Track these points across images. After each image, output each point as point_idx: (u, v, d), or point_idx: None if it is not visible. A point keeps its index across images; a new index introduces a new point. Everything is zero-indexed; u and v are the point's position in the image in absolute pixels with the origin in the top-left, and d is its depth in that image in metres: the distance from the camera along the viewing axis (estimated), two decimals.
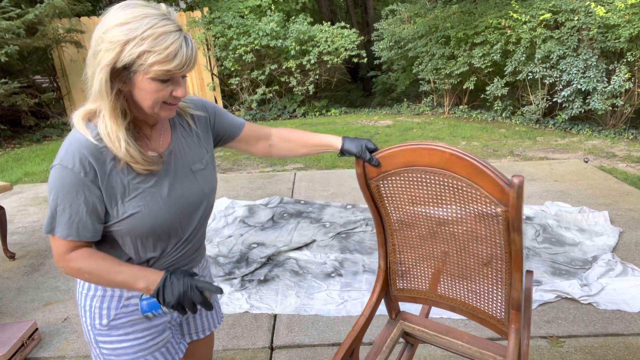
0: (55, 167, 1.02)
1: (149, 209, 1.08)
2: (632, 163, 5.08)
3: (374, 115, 8.52)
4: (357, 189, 4.49)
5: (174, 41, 0.96)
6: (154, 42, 0.95)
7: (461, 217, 1.20)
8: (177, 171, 1.16)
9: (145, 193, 1.09)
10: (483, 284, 1.28)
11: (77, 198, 1.02)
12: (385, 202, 1.33)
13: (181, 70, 0.99)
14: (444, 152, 1.13)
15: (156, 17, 0.96)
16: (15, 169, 5.88)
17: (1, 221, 3.26)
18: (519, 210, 1.07)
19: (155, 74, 0.97)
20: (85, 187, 1.02)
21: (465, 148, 5.93)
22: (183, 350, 1.29)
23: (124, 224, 1.08)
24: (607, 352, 2.16)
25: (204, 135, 1.25)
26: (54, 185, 1.03)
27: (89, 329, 1.20)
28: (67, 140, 1.05)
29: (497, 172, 1.08)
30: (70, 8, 7.67)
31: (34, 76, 8.70)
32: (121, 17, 0.96)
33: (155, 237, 1.13)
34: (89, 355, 2.28)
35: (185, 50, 0.98)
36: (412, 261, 1.39)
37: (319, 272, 2.95)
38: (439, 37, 7.75)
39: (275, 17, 8.37)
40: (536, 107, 6.88)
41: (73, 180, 1.01)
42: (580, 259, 2.98)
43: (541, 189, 4.27)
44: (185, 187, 1.17)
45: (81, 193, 1.02)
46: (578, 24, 6.23)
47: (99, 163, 1.03)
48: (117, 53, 0.95)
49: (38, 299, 2.81)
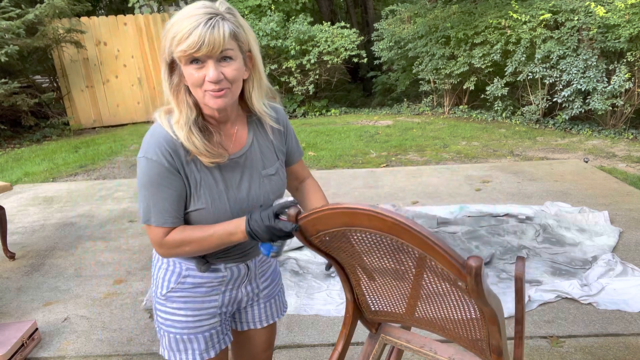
0: (140, 159, 1.09)
1: (215, 207, 1.15)
2: (632, 163, 5.08)
3: (374, 115, 8.52)
4: (357, 189, 4.49)
5: (194, 22, 0.99)
6: (178, 27, 1.01)
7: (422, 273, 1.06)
8: (246, 173, 1.20)
9: (213, 190, 1.15)
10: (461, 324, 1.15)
11: (165, 187, 1.09)
12: (334, 254, 1.18)
13: (195, 50, 1.00)
14: (385, 220, 0.94)
15: (193, 7, 1.02)
16: (15, 169, 5.88)
17: (1, 221, 3.26)
18: (481, 295, 0.91)
19: (179, 57, 1.03)
20: (170, 175, 1.09)
21: (465, 148, 5.93)
22: (227, 342, 1.34)
23: (191, 216, 1.15)
24: (607, 352, 2.16)
25: (278, 144, 1.29)
26: (142, 177, 1.09)
27: (153, 295, 1.29)
28: (148, 133, 1.12)
29: (450, 252, 0.90)
30: (70, 8, 7.67)
31: (34, 76, 8.70)
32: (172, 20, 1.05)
33: None
34: (89, 355, 2.28)
35: (202, 29, 0.99)
36: (380, 292, 1.26)
37: (319, 272, 2.95)
38: (439, 37, 7.75)
39: (275, 17, 8.38)
40: (536, 107, 6.88)
41: (159, 170, 1.08)
42: (580, 259, 2.98)
43: (541, 189, 4.27)
44: (252, 190, 1.21)
45: (167, 182, 1.09)
46: (578, 24, 6.23)
47: (177, 155, 1.09)
48: (164, 47, 1.05)
49: (38, 299, 2.81)
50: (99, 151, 6.56)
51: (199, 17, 1.00)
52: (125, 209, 4.27)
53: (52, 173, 5.65)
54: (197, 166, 1.12)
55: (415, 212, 3.77)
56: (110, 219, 4.03)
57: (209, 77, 1.04)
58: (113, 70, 8.42)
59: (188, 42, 0.99)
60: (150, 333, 2.43)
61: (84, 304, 2.74)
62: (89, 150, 6.65)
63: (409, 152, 5.86)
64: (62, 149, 6.82)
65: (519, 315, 1.25)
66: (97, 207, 4.34)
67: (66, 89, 8.23)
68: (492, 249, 3.12)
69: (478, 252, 3.12)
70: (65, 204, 4.47)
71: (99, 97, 8.43)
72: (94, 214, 4.17)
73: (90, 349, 2.32)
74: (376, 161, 5.53)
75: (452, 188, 4.41)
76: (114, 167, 5.83)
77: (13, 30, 6.81)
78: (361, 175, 4.95)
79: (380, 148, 6.09)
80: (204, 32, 0.99)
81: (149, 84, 8.63)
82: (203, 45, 1.00)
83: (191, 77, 1.04)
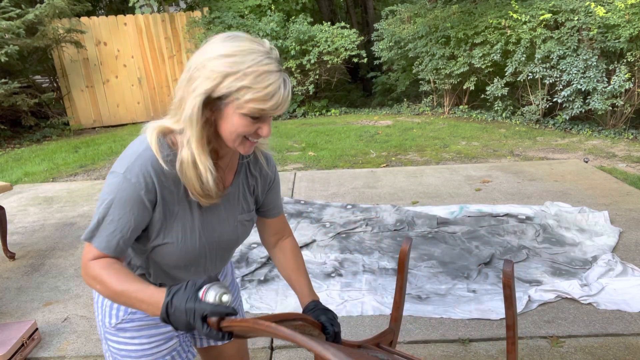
0: (117, 175, 0.99)
1: (184, 244, 1.08)
2: (632, 163, 5.08)
3: (374, 115, 8.52)
4: (357, 188, 4.49)
5: (274, 81, 0.95)
6: (255, 80, 0.94)
7: None
8: (223, 215, 1.15)
9: (186, 226, 1.08)
10: None
11: (129, 213, 1.00)
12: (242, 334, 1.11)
13: (275, 111, 0.98)
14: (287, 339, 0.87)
15: (261, 54, 0.95)
16: (15, 169, 5.88)
17: (1, 221, 3.26)
18: None
19: (249, 111, 0.96)
20: (140, 205, 1.00)
21: (465, 148, 5.93)
22: (191, 358, 1.28)
23: (156, 250, 1.08)
24: (607, 352, 2.16)
25: (260, 191, 1.24)
26: (110, 193, 1.00)
27: (100, 324, 1.21)
28: (134, 149, 1.02)
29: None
30: (70, 8, 7.67)
31: (34, 76, 8.70)
32: (227, 48, 0.95)
33: (175, 267, 1.13)
34: (89, 355, 2.28)
35: (283, 91, 0.97)
36: None
37: (319, 272, 2.95)
38: (439, 37, 7.75)
39: (276, 17, 8.38)
40: (536, 107, 6.88)
41: (132, 195, 0.99)
42: (580, 259, 2.98)
43: (541, 189, 4.27)
44: (225, 232, 1.16)
45: (135, 209, 1.00)
46: (578, 24, 6.23)
47: (160, 185, 1.01)
48: (216, 83, 0.94)
49: (38, 299, 2.81)
50: (99, 151, 6.56)
51: (278, 76, 0.96)
52: None
53: (52, 173, 5.65)
54: (177, 197, 1.05)
55: (415, 212, 3.78)
56: None
57: (265, 133, 1.01)
58: (113, 70, 8.42)
59: (271, 103, 0.96)
60: None
61: (84, 304, 2.74)
62: (89, 150, 6.65)
63: (409, 152, 5.86)
64: (62, 149, 6.82)
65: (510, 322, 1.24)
66: None
67: (66, 89, 8.23)
68: (492, 249, 3.13)
69: (478, 252, 3.13)
70: (65, 204, 4.47)
71: (99, 97, 8.43)
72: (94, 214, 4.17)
73: (90, 349, 2.32)
74: (376, 161, 5.53)
75: (452, 188, 4.41)
76: None
77: (13, 30, 6.81)
78: (361, 175, 4.95)
79: (380, 148, 6.09)
80: (285, 95, 0.97)
81: (149, 84, 8.63)
82: (280, 108, 0.98)
83: (243, 128, 0.99)
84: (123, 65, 8.46)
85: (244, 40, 0.97)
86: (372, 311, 2.53)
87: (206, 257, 1.16)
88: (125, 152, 1.03)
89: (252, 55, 0.94)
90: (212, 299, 0.92)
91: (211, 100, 0.97)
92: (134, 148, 1.02)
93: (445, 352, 2.20)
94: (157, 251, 1.08)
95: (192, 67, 0.97)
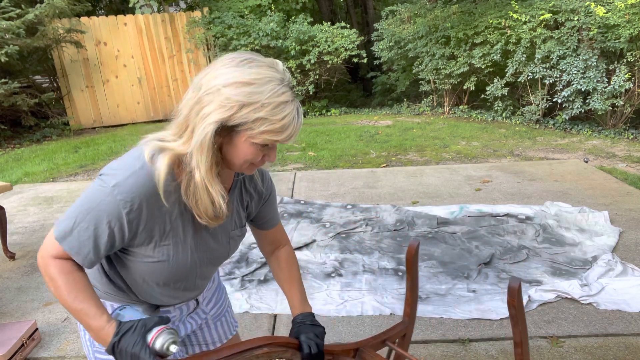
0: (105, 186, 0.94)
1: (176, 262, 1.06)
2: (632, 163, 5.08)
3: (374, 115, 8.52)
4: (357, 189, 4.49)
5: (290, 112, 0.93)
6: (272, 111, 0.91)
7: None
8: (217, 231, 1.13)
9: (178, 245, 1.05)
10: None
11: (105, 226, 0.95)
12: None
13: (288, 141, 0.96)
14: None
15: (278, 82, 0.92)
16: (15, 169, 5.88)
17: (1, 221, 3.26)
18: None
19: (262, 141, 0.94)
20: (120, 223, 0.95)
21: (465, 148, 5.93)
22: None
23: (144, 266, 1.05)
24: (607, 352, 2.16)
25: (253, 207, 1.23)
26: (93, 202, 0.95)
27: (88, 344, 1.18)
28: (129, 164, 0.97)
29: None
30: (70, 8, 7.67)
31: (34, 76, 8.70)
32: (245, 75, 0.91)
33: (164, 285, 1.11)
34: None
35: (297, 122, 0.95)
36: None
37: (318, 272, 2.95)
38: (439, 37, 7.75)
39: (276, 17, 8.38)
40: (536, 107, 6.88)
41: (114, 211, 0.94)
42: (580, 259, 2.98)
43: (541, 189, 4.27)
44: (217, 249, 1.15)
45: (112, 225, 0.95)
46: (578, 24, 6.23)
47: (150, 206, 0.97)
48: (232, 113, 0.91)
49: (38, 299, 2.81)
50: (99, 151, 6.56)
51: (293, 106, 0.93)
52: None
53: (52, 173, 5.65)
54: (171, 217, 1.01)
55: (416, 212, 3.78)
56: None
57: (271, 159, 1.01)
58: (113, 70, 8.42)
59: (286, 134, 0.94)
60: None
61: None
62: (89, 150, 6.65)
63: (409, 152, 5.86)
64: (62, 149, 6.82)
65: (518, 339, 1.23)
66: None
67: (66, 89, 8.23)
68: (492, 249, 3.13)
69: (478, 252, 3.13)
70: (65, 204, 4.47)
71: (99, 97, 8.43)
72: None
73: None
74: (376, 161, 5.53)
75: (452, 188, 4.41)
76: None
77: (13, 30, 6.81)
78: (361, 175, 4.95)
79: (380, 148, 6.09)
80: (298, 125, 0.96)
81: (149, 84, 8.63)
82: (293, 138, 0.96)
83: (251, 154, 0.97)
84: (123, 65, 8.46)
85: (261, 66, 0.93)
86: (372, 311, 2.53)
87: (196, 273, 1.14)
88: (120, 162, 0.98)
89: (270, 84, 0.91)
90: (159, 347, 0.93)
91: (223, 128, 0.93)
92: (129, 163, 0.97)
93: (445, 352, 2.20)
94: (148, 269, 1.05)
95: (203, 89, 0.92)
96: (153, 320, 0.96)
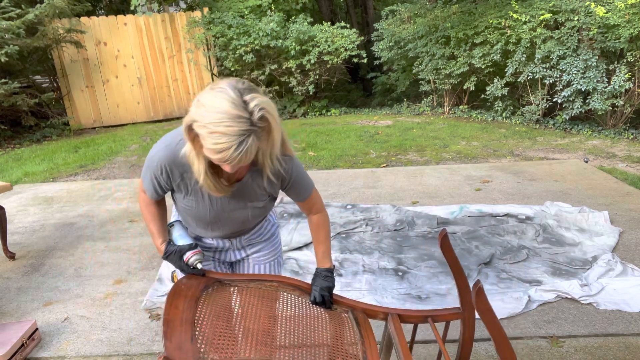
0: (151, 154, 1.37)
1: (197, 210, 1.45)
2: (632, 163, 5.08)
3: (374, 115, 8.52)
4: (357, 189, 4.49)
5: (225, 142, 1.11)
6: (208, 135, 1.12)
7: None
8: (233, 201, 1.44)
9: (198, 200, 1.43)
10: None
11: (153, 177, 1.40)
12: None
13: (224, 164, 1.18)
14: None
15: (228, 116, 1.10)
16: (15, 169, 5.88)
17: (1, 221, 3.26)
18: None
19: (206, 152, 1.18)
20: (157, 179, 1.40)
21: (465, 148, 5.94)
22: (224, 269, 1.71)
23: (182, 205, 1.48)
24: (607, 352, 2.16)
25: (271, 189, 1.47)
26: (148, 158, 1.39)
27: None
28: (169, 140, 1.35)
29: None
30: (70, 8, 7.67)
31: (34, 76, 8.70)
32: (207, 98, 1.13)
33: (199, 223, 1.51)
34: (89, 356, 2.28)
35: (232, 153, 1.13)
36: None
37: None
38: (439, 37, 7.75)
39: (276, 17, 8.37)
40: (536, 107, 6.88)
41: (154, 170, 1.38)
42: (580, 259, 2.98)
43: (541, 189, 4.27)
44: (235, 210, 1.47)
45: (157, 177, 1.39)
46: (578, 24, 6.23)
47: (177, 171, 1.37)
48: (191, 121, 1.17)
49: (38, 299, 2.81)
50: (99, 151, 6.56)
51: (229, 138, 1.11)
52: (125, 209, 4.27)
53: (52, 173, 5.65)
54: (191, 182, 1.38)
55: (416, 212, 3.77)
56: (110, 219, 4.03)
57: (227, 170, 1.23)
58: (113, 70, 8.42)
59: (219, 156, 1.15)
60: (150, 333, 2.43)
61: (84, 304, 2.74)
62: (89, 150, 6.65)
63: (409, 152, 5.86)
64: (62, 149, 6.82)
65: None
66: (97, 207, 4.34)
67: (66, 89, 8.23)
68: (492, 249, 3.13)
69: (478, 252, 3.13)
70: (65, 204, 4.47)
71: (99, 97, 8.43)
72: (94, 214, 4.17)
73: (90, 349, 2.32)
74: (376, 161, 5.53)
75: (452, 188, 4.41)
76: (114, 167, 5.83)
77: (13, 30, 6.81)
78: (361, 175, 4.95)
79: (380, 148, 6.09)
80: (233, 155, 1.13)
81: (149, 84, 8.63)
82: (230, 163, 1.17)
83: (211, 159, 1.19)
84: (123, 65, 8.46)
85: (223, 100, 1.11)
86: None
87: (221, 223, 1.50)
88: (170, 134, 1.36)
89: (217, 115, 1.10)
90: (190, 263, 1.47)
91: (191, 129, 1.19)
92: (173, 136, 1.35)
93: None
94: (183, 207, 1.48)
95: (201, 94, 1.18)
96: (185, 248, 1.48)
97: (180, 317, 1.25)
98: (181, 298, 1.33)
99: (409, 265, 3.01)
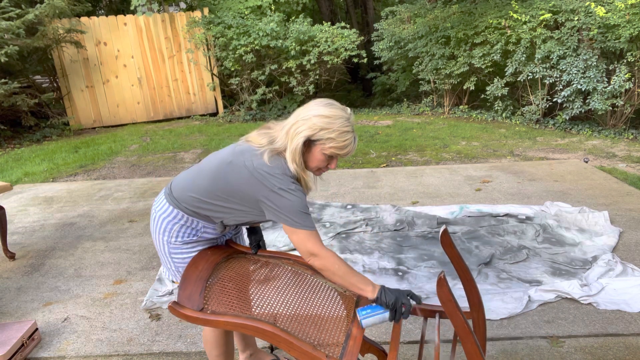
0: (289, 187, 1.51)
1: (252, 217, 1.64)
2: (632, 163, 5.08)
3: (374, 115, 8.52)
4: (357, 189, 4.49)
5: (349, 138, 1.52)
6: (339, 135, 1.50)
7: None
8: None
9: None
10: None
11: (308, 209, 1.56)
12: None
13: (346, 156, 1.55)
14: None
15: (345, 119, 1.51)
16: (15, 169, 5.88)
17: (1, 221, 3.26)
18: None
19: (330, 152, 1.52)
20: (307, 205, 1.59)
21: (465, 148, 5.94)
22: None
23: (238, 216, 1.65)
24: (607, 352, 2.16)
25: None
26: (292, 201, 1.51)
27: (165, 241, 1.66)
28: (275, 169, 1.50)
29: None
30: (70, 8, 7.67)
31: (34, 76, 8.70)
32: (326, 111, 1.50)
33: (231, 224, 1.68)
34: (89, 355, 2.28)
35: (353, 145, 1.54)
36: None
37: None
38: (439, 37, 7.75)
39: (276, 18, 8.38)
40: (536, 107, 6.89)
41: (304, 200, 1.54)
42: (580, 259, 2.98)
43: (541, 189, 4.27)
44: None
45: (308, 207, 1.64)
46: (578, 24, 6.23)
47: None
48: (314, 132, 1.49)
49: (38, 299, 2.81)
50: (99, 151, 6.56)
51: (352, 135, 1.52)
52: (125, 209, 4.27)
53: (52, 173, 5.66)
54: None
55: (416, 212, 3.78)
56: (110, 219, 4.03)
57: (333, 167, 1.59)
58: (113, 70, 8.42)
59: (345, 151, 1.53)
60: (150, 333, 2.43)
61: (84, 304, 2.74)
62: (89, 150, 6.65)
63: (409, 152, 5.86)
64: (62, 149, 6.82)
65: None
66: (97, 207, 4.34)
67: (66, 89, 8.23)
68: (492, 249, 3.13)
69: (478, 252, 3.13)
70: (65, 204, 4.47)
71: (99, 97, 8.43)
72: (94, 214, 4.17)
73: (90, 349, 2.32)
74: (376, 161, 5.53)
75: (452, 188, 4.41)
76: (114, 167, 5.83)
77: (13, 30, 6.81)
78: (361, 175, 4.95)
79: (380, 148, 6.09)
80: (354, 147, 1.55)
81: (148, 84, 8.63)
82: (349, 154, 1.56)
83: (320, 162, 1.55)
84: (123, 65, 8.46)
85: (336, 109, 1.52)
86: None
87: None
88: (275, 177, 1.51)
89: (340, 120, 1.50)
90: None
91: (308, 141, 1.51)
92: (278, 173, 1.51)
93: (446, 352, 2.20)
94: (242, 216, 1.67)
95: (300, 117, 1.51)
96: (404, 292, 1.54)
97: (198, 275, 1.51)
98: (203, 260, 1.60)
99: (409, 265, 3.01)
